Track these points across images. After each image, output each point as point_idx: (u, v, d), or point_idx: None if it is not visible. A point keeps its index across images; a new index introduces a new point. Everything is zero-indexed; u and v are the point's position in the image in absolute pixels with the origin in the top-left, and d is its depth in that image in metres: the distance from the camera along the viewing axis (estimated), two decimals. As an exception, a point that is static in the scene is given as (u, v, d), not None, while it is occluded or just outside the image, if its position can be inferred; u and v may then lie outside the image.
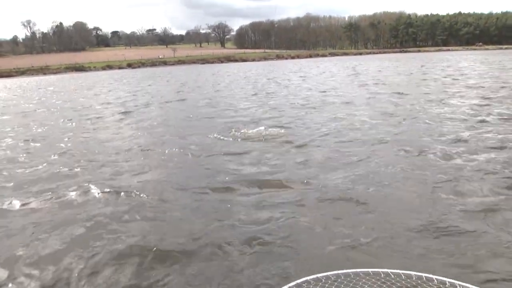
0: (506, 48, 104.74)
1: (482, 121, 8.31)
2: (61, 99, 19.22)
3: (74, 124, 10.96)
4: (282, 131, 8.07)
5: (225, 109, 12.16)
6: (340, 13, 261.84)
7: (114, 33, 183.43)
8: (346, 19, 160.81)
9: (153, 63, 78.33)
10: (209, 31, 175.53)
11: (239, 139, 7.53)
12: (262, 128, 8.26)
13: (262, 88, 18.99)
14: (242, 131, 8.18)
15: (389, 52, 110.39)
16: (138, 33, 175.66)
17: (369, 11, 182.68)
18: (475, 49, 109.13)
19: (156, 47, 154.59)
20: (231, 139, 7.62)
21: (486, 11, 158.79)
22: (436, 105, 10.91)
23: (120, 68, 72.96)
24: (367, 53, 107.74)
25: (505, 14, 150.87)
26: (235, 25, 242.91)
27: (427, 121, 8.52)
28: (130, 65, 75.05)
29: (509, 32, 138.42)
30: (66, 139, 8.69)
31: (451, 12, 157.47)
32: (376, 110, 10.53)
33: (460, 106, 10.57)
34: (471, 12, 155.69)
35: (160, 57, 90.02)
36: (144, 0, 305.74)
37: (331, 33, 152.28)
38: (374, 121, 8.83)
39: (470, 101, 11.29)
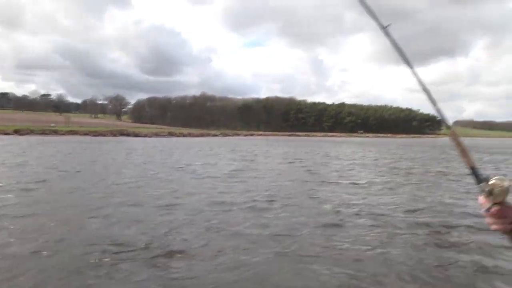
0: (382, 137, 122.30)
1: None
2: None
3: None
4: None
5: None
6: (236, 94, 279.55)
7: (3, 94, 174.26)
8: (241, 101, 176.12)
9: (43, 131, 76.66)
10: (106, 102, 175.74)
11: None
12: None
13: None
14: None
15: (279, 135, 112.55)
16: (30, 97, 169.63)
17: (263, 95, 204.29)
18: (357, 136, 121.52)
19: (50, 113, 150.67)
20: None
21: (366, 103, 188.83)
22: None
23: (6, 134, 70.61)
24: (258, 135, 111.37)
25: (381, 107, 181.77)
26: (133, 98, 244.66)
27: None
28: (17, 131, 72.89)
29: (385, 123, 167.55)
30: None
31: (336, 102, 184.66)
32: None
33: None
34: (353, 103, 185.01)
35: (52, 125, 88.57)
36: (38, 62, 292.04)
37: (225, 113, 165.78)
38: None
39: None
